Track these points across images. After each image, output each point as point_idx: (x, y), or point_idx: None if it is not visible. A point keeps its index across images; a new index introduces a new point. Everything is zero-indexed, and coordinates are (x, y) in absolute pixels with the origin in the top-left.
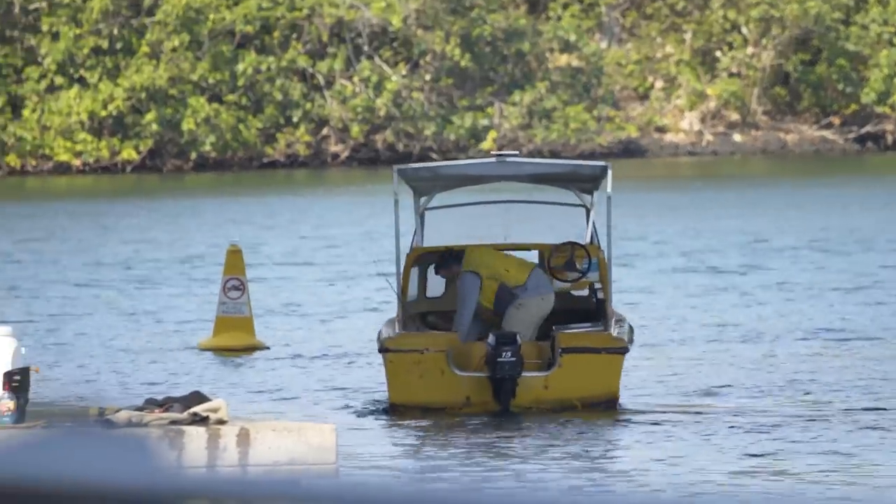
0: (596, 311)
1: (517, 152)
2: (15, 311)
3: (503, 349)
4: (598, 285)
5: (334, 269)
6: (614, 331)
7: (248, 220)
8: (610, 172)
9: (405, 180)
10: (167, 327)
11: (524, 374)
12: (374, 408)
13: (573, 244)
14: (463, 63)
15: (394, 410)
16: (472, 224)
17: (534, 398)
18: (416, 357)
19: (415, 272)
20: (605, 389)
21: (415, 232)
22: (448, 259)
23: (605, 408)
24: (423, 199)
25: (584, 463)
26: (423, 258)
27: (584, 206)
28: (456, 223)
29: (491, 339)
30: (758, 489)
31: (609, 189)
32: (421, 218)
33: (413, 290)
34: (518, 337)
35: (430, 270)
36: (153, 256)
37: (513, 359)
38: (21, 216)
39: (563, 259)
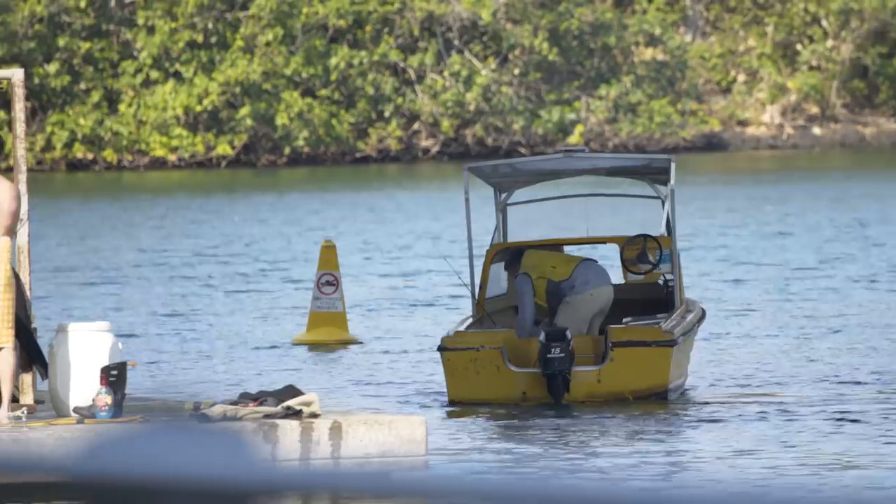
0: (668, 301)
1: (584, 147)
2: (111, 305)
3: (552, 345)
4: (670, 276)
5: (427, 264)
6: (668, 324)
7: (342, 215)
8: (673, 165)
9: (482, 178)
10: (261, 322)
11: (577, 368)
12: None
13: (645, 237)
14: (551, 57)
15: (453, 406)
16: (554, 218)
17: (587, 392)
18: (472, 354)
19: (497, 268)
20: (656, 381)
21: (496, 228)
22: (513, 258)
23: (657, 399)
24: (503, 196)
25: (657, 458)
26: (505, 254)
27: (658, 197)
28: (538, 218)
29: (542, 335)
30: (823, 481)
31: (672, 182)
32: (502, 214)
33: (501, 285)
34: (568, 333)
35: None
36: (248, 251)
37: (561, 355)
38: (118, 211)
39: (636, 252)
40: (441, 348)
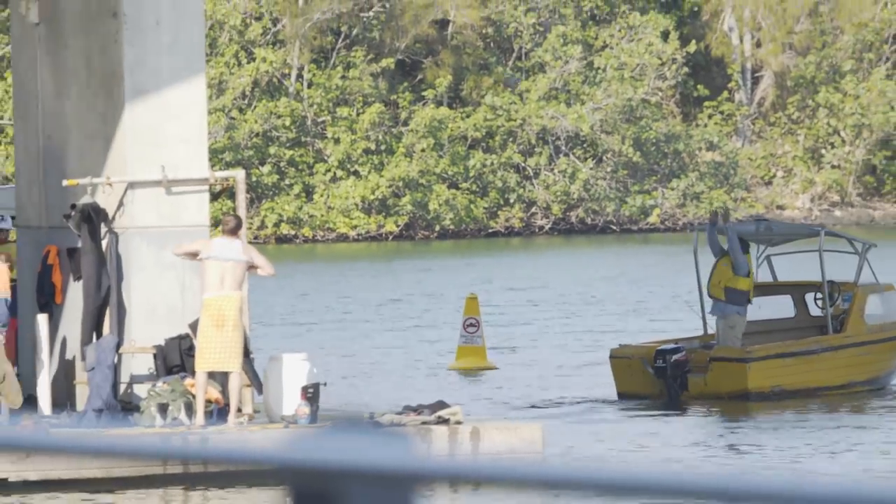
0: (832, 328)
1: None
2: (308, 340)
3: (656, 358)
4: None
5: (553, 310)
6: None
7: (481, 274)
8: (822, 234)
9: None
10: (421, 354)
11: (694, 375)
12: (575, 410)
13: (831, 282)
14: (634, 158)
15: (620, 398)
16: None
17: (699, 392)
18: (627, 361)
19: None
20: (738, 387)
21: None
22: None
23: (739, 400)
24: (763, 248)
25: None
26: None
27: (856, 253)
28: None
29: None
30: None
31: (821, 246)
32: (767, 262)
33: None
34: (679, 346)
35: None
36: (412, 301)
37: (663, 365)
38: (312, 273)
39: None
40: (610, 356)
